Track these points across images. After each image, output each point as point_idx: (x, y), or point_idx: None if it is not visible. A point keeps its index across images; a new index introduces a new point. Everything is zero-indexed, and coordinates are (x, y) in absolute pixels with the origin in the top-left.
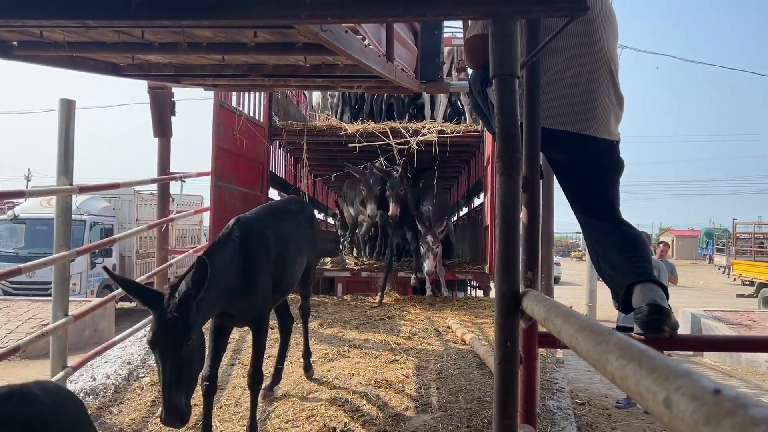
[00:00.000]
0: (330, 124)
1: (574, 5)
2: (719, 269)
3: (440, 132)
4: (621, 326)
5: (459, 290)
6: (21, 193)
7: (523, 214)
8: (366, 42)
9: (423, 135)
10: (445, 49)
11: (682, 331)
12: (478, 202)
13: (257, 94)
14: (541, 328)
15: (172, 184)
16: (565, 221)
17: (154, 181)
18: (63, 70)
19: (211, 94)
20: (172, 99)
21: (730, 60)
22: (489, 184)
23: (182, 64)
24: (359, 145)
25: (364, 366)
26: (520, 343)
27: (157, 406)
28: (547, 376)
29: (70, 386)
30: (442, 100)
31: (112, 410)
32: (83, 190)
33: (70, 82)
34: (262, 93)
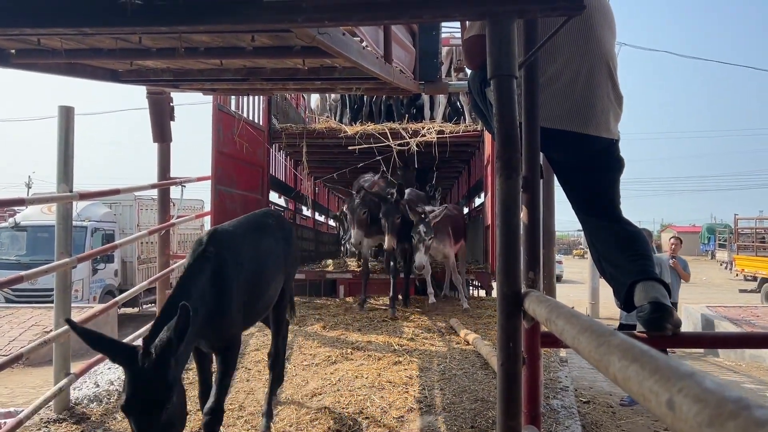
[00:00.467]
0: (329, 126)
1: (571, 4)
2: (721, 265)
3: (440, 132)
4: (624, 324)
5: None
6: (21, 201)
7: (524, 214)
8: (364, 44)
9: (422, 136)
10: (444, 49)
11: (686, 329)
12: (478, 201)
13: (256, 97)
14: (544, 327)
15: (173, 188)
16: (567, 219)
17: (154, 186)
18: (62, 77)
19: (210, 98)
20: (171, 104)
21: (729, 55)
22: (489, 184)
23: (180, 69)
24: (359, 147)
25: (367, 368)
26: (523, 344)
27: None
28: (551, 375)
29: (74, 393)
30: (442, 100)
31: (116, 416)
32: (83, 196)
33: (69, 88)
34: (261, 96)
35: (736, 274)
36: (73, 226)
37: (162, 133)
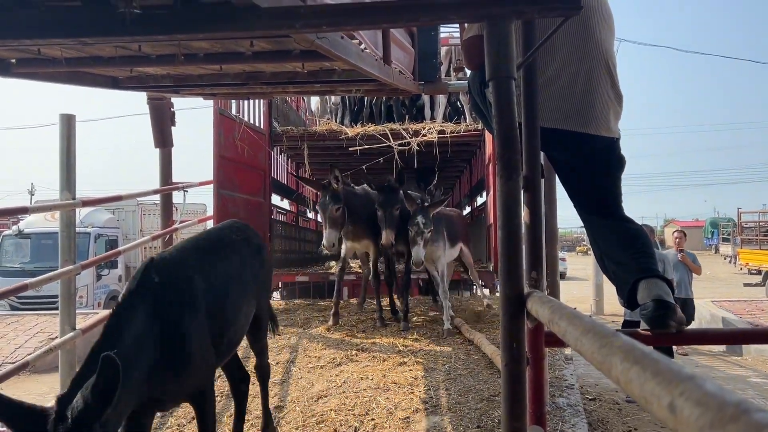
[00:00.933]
0: (330, 129)
1: (568, 4)
2: (725, 259)
3: (440, 132)
4: (629, 320)
5: (464, 289)
6: (24, 210)
7: (525, 214)
8: (362, 46)
9: (423, 136)
10: (443, 49)
11: (693, 324)
12: (480, 200)
13: (256, 101)
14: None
15: (175, 193)
16: (570, 216)
17: (156, 191)
18: (61, 85)
19: (211, 102)
20: (172, 109)
21: (730, 49)
22: (491, 183)
23: (180, 75)
24: (360, 148)
25: (372, 369)
26: (527, 344)
27: (167, 416)
28: (556, 374)
29: None
30: (442, 100)
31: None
32: (86, 203)
33: (69, 94)
34: (262, 100)
35: (740, 268)
36: (76, 233)
37: (163, 139)
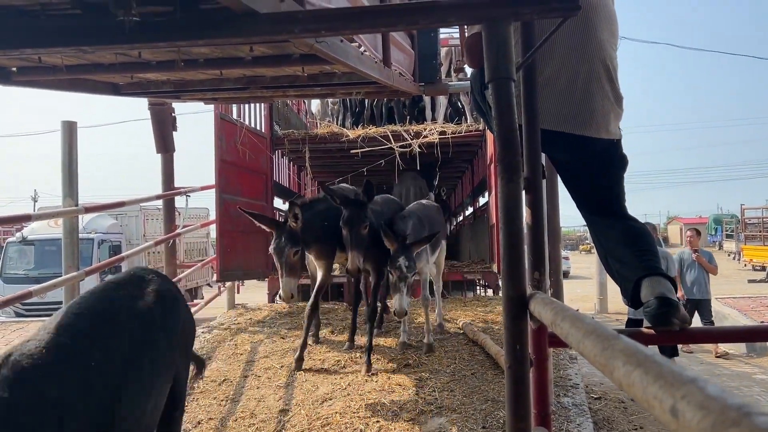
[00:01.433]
0: (331, 131)
1: (566, 5)
2: (729, 255)
3: (441, 133)
4: (632, 319)
5: (468, 290)
6: (27, 217)
7: (527, 215)
8: (362, 49)
9: (424, 137)
10: (443, 50)
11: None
12: (483, 200)
13: (257, 105)
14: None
15: (178, 198)
16: (572, 215)
17: (159, 197)
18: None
19: (212, 107)
20: (173, 114)
21: (730, 45)
22: (493, 183)
23: (181, 80)
24: (361, 150)
25: (376, 371)
26: (530, 345)
27: None
28: (561, 373)
29: None
30: (443, 101)
31: None
32: (89, 210)
33: (71, 101)
34: (262, 104)
35: (744, 265)
36: (79, 239)
37: (165, 144)
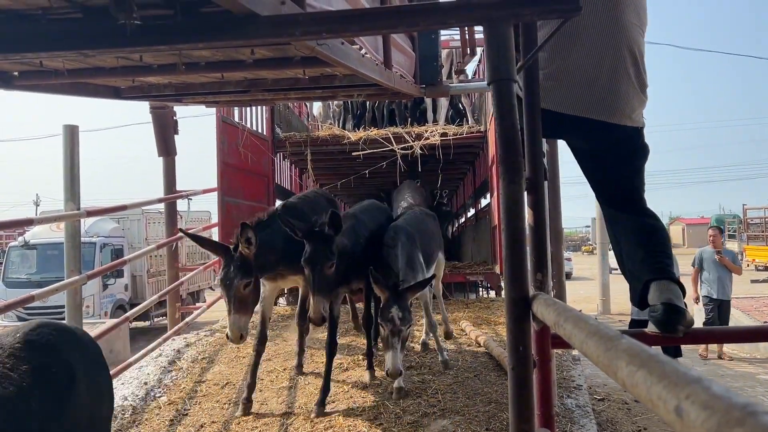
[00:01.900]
0: (333, 134)
1: (566, 6)
2: None
3: (443, 135)
4: (636, 319)
5: (470, 292)
6: (29, 221)
7: (529, 216)
8: (363, 51)
9: (426, 139)
10: (444, 52)
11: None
12: (485, 202)
13: (259, 107)
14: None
15: (180, 201)
16: (575, 216)
17: (161, 200)
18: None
19: (213, 110)
20: (175, 118)
21: (731, 44)
22: (495, 184)
23: (182, 84)
24: (363, 152)
25: (379, 374)
26: (533, 346)
27: (176, 425)
28: (564, 374)
29: None
30: (444, 103)
31: None
32: (91, 214)
33: (73, 105)
34: (264, 106)
35: (747, 265)
36: (81, 243)
37: (166, 147)
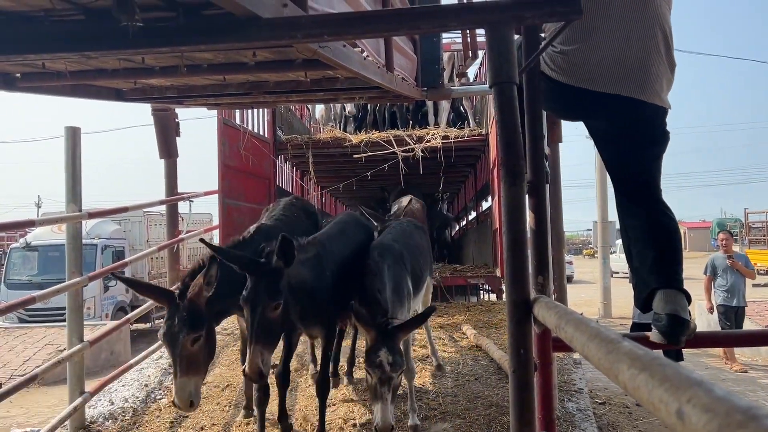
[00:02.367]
0: (334, 136)
1: (567, 8)
2: None
3: (444, 137)
4: (638, 323)
5: (472, 295)
6: (31, 223)
7: (531, 219)
8: (365, 54)
9: (427, 142)
10: (445, 55)
11: (701, 327)
12: (486, 204)
13: (260, 110)
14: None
15: (181, 203)
16: (576, 219)
17: (162, 202)
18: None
19: (215, 112)
20: (176, 120)
21: (735, 49)
22: (496, 187)
23: (184, 86)
24: (364, 155)
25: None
26: (534, 349)
27: (176, 427)
28: (565, 378)
29: (89, 411)
30: (445, 105)
31: None
32: (92, 215)
33: (74, 107)
34: (265, 109)
35: None
36: (83, 244)
37: (168, 149)
